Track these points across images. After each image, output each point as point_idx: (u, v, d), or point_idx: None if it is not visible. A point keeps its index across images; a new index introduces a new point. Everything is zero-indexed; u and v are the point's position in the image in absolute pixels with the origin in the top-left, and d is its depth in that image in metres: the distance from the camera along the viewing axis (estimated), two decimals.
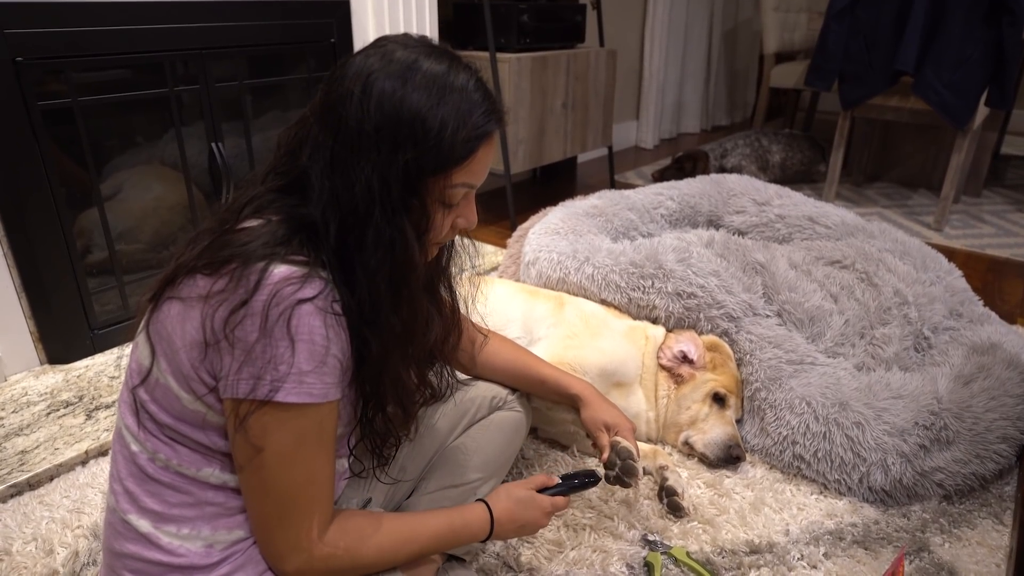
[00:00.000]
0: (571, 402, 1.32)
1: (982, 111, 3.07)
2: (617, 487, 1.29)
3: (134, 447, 0.82)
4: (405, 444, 1.14)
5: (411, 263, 0.79)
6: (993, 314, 1.96)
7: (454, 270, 1.04)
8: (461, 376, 1.33)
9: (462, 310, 1.12)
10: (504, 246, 2.37)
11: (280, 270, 0.73)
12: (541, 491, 1.08)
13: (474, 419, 1.26)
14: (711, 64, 5.63)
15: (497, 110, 0.82)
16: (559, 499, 1.10)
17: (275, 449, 0.75)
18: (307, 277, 0.73)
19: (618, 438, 1.24)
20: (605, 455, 1.22)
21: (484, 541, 1.01)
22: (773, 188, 2.48)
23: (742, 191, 2.49)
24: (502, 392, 1.31)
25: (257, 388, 0.72)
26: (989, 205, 3.62)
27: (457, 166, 0.80)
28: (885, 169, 4.12)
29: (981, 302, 1.99)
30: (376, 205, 0.75)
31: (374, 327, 0.79)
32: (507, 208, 3.21)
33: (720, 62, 5.79)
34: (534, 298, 1.80)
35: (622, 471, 1.21)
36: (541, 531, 1.29)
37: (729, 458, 1.56)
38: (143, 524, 0.81)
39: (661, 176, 4.02)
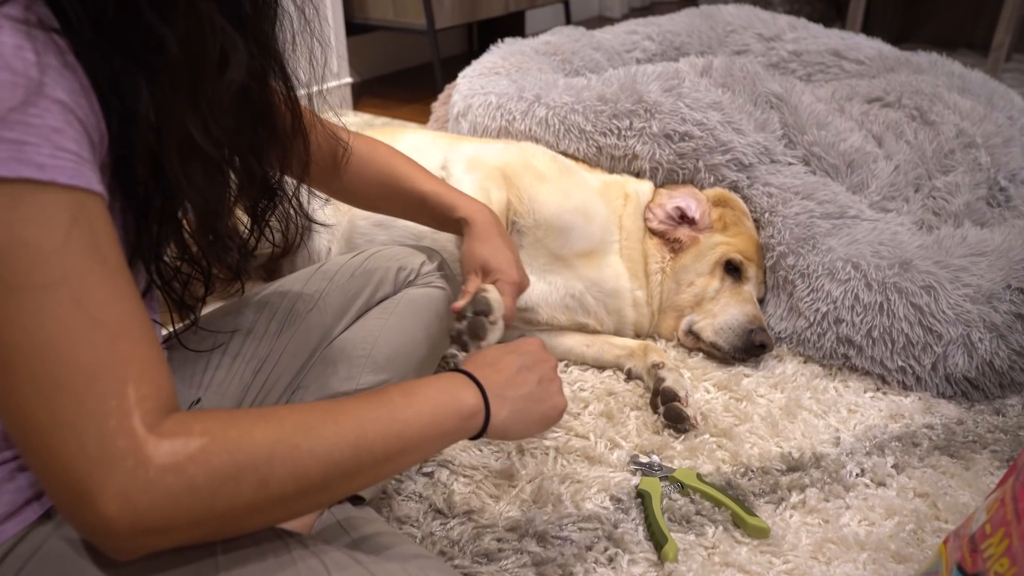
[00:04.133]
0: (456, 228, 1.19)
1: None
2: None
3: None
4: (243, 312, 1.02)
5: None
6: None
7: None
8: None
9: (314, 111, 0.98)
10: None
11: None
12: None
13: (373, 300, 1.16)
14: None
15: None
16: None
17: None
18: None
19: (489, 287, 1.11)
20: (459, 303, 1.09)
21: (477, 438, 0.78)
22: (784, 19, 2.28)
23: (743, 24, 2.30)
24: (414, 260, 1.21)
25: None
26: None
27: None
28: (915, 27, 3.99)
29: None
30: None
31: (128, 51, 0.63)
32: (434, 83, 3.01)
33: None
34: (462, 141, 1.67)
35: (468, 328, 1.06)
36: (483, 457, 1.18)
37: (750, 346, 1.46)
38: None
39: None
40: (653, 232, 1.56)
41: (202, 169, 0.70)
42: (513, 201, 1.44)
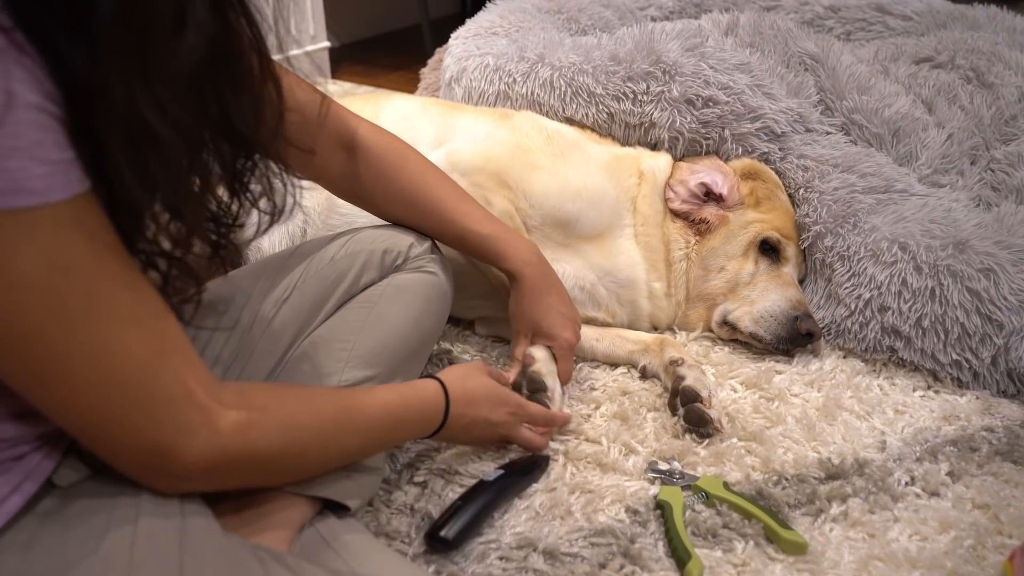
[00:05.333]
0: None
1: None
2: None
3: None
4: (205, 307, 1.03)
5: None
6: None
7: None
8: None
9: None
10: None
11: None
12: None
13: (356, 286, 1.18)
14: None
15: None
16: (535, 407, 1.22)
17: (35, 313, 0.67)
18: None
19: (536, 353, 1.29)
20: (510, 375, 1.28)
21: (432, 436, 1.08)
22: None
23: None
24: (402, 242, 1.23)
25: None
26: None
27: None
28: None
29: None
30: None
31: (61, 14, 0.64)
32: (422, 47, 3.05)
33: None
34: (456, 112, 1.68)
35: None
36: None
37: (795, 336, 1.46)
38: None
39: None
40: (675, 213, 1.57)
41: (158, 156, 0.70)
42: (512, 201, 1.46)
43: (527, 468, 1.17)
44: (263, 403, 0.82)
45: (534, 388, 1.25)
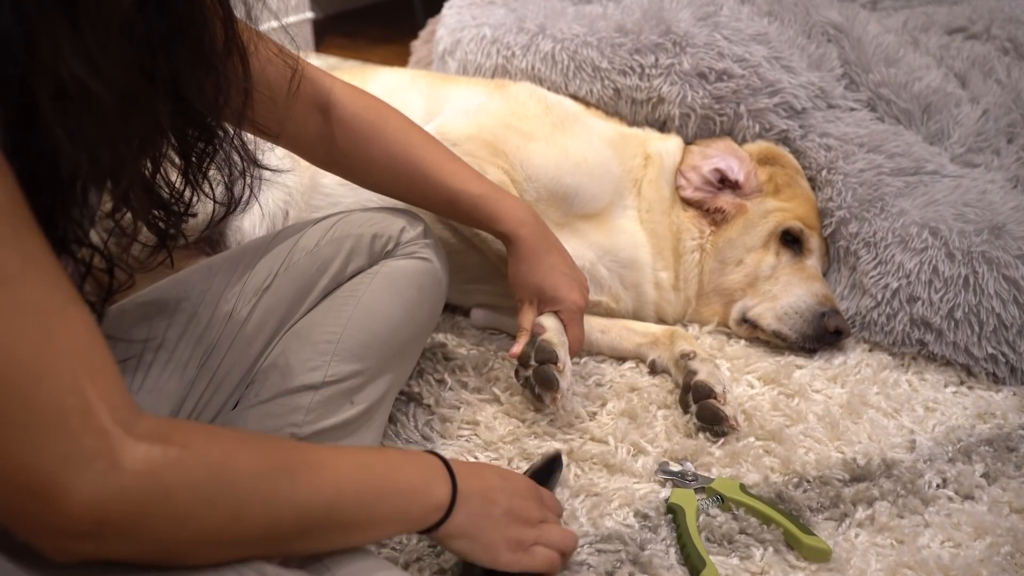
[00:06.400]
0: (492, 233, 1.31)
1: None
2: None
3: None
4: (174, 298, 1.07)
5: None
6: None
7: None
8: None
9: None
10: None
11: None
12: None
13: (343, 274, 1.19)
14: None
15: None
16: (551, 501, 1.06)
17: None
18: None
19: (546, 322, 1.26)
20: (517, 346, 1.26)
21: (430, 531, 0.87)
22: None
23: None
24: (392, 226, 1.24)
25: None
26: None
27: None
28: None
29: None
30: None
31: None
32: (413, 18, 3.06)
33: None
34: (448, 83, 1.71)
35: (535, 378, 1.24)
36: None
37: (822, 333, 1.48)
38: None
39: None
40: (688, 202, 1.58)
41: (92, 117, 0.67)
42: (508, 172, 1.47)
43: (547, 473, 1.17)
44: (188, 439, 0.68)
45: (543, 359, 1.23)
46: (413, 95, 1.61)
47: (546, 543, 0.95)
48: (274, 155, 1.14)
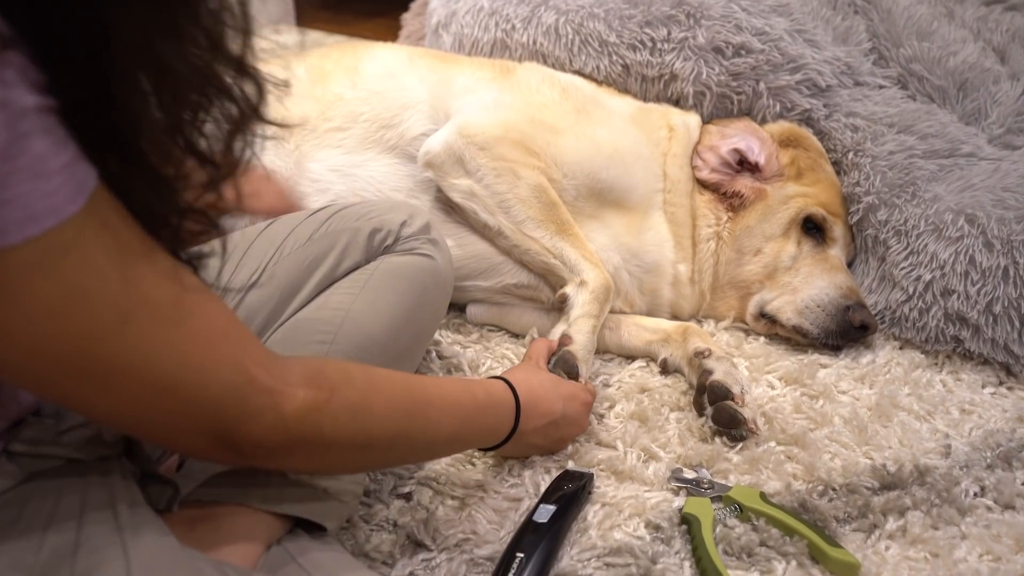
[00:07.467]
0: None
1: None
2: None
3: None
4: None
5: None
6: None
7: None
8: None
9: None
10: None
11: None
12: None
13: (337, 270, 1.21)
14: None
15: None
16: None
17: (67, 339, 0.69)
18: None
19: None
20: None
21: (496, 448, 1.14)
22: None
23: None
24: (392, 219, 1.26)
25: None
26: None
27: None
28: None
29: None
30: None
31: None
32: None
33: None
34: (450, 66, 1.71)
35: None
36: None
37: (847, 328, 1.49)
38: None
39: None
40: (704, 184, 1.59)
41: (176, 95, 0.72)
42: (544, 171, 1.48)
43: (576, 492, 1.16)
44: (332, 384, 0.87)
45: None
46: (413, 80, 1.62)
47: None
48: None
